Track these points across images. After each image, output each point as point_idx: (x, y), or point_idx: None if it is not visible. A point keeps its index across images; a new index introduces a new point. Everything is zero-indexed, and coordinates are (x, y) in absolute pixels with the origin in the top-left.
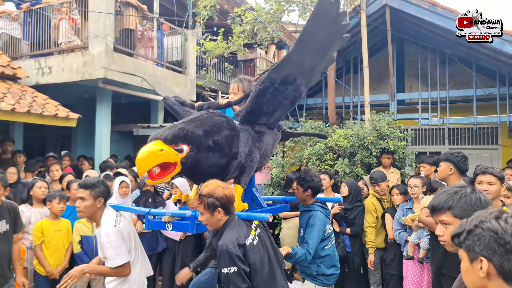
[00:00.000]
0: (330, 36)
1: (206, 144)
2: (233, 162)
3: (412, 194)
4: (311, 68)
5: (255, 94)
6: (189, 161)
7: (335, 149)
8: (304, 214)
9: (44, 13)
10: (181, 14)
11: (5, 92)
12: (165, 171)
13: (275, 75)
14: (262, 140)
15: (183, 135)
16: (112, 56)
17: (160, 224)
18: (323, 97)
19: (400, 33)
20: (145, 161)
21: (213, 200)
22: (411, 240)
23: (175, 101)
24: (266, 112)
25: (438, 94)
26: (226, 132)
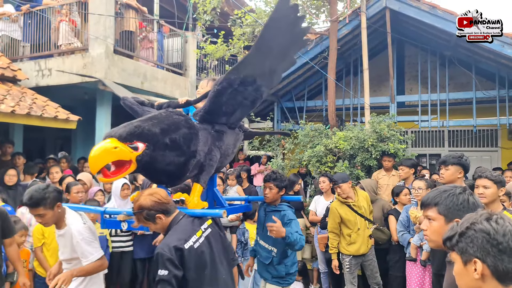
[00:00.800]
0: (289, 39)
1: (163, 142)
2: (191, 160)
3: (416, 196)
4: (271, 70)
5: (213, 94)
6: (144, 159)
7: (335, 151)
8: (274, 214)
9: (44, 15)
10: (181, 16)
11: (5, 94)
12: (120, 169)
13: (234, 76)
14: (223, 139)
15: (138, 132)
16: (112, 58)
17: (116, 223)
18: (323, 99)
19: (400, 36)
20: (98, 159)
21: (147, 211)
22: (413, 242)
23: (134, 101)
24: (226, 112)
25: (438, 96)
26: (184, 131)
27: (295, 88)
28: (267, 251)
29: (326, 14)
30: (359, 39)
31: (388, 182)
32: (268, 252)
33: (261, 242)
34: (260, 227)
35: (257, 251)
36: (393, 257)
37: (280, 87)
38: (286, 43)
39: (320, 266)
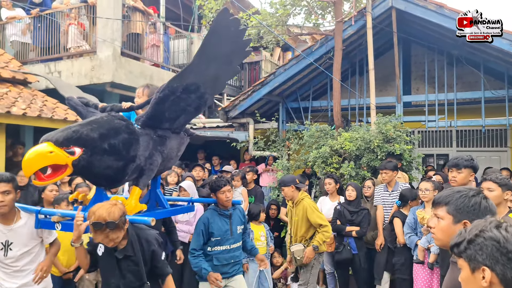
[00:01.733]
0: (231, 50)
1: (101, 147)
2: (130, 165)
3: (424, 197)
4: (215, 78)
5: (155, 101)
6: (81, 163)
7: (341, 152)
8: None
9: (54, 19)
10: (187, 18)
11: (16, 96)
12: (56, 173)
13: (176, 83)
14: (165, 144)
15: (75, 138)
16: (119, 61)
17: (50, 223)
18: (329, 99)
19: (406, 35)
20: (32, 162)
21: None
22: (421, 244)
23: (78, 102)
24: (169, 118)
25: (446, 96)
26: (124, 136)
27: (300, 89)
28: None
29: (332, 15)
30: (365, 39)
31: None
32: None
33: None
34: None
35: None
36: (399, 259)
37: (285, 88)
38: (229, 53)
39: (326, 267)
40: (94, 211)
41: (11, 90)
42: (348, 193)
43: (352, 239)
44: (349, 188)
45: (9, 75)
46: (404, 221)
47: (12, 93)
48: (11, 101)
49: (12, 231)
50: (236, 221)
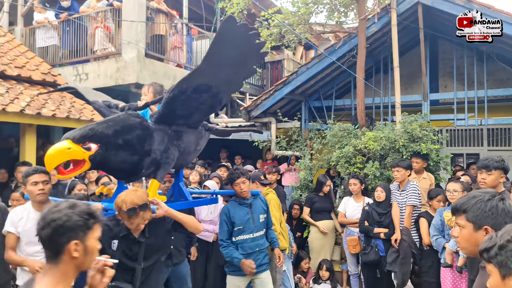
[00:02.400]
0: (244, 53)
1: (115, 142)
2: (146, 158)
3: (452, 199)
4: (228, 79)
5: (165, 100)
6: (97, 158)
7: (365, 152)
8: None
9: (81, 23)
10: (210, 18)
11: (46, 98)
12: (75, 167)
13: (185, 85)
14: (182, 138)
15: (91, 135)
16: (143, 62)
17: None
18: (352, 98)
19: (433, 31)
20: (53, 158)
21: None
22: (449, 247)
23: (102, 104)
24: (181, 115)
25: (476, 93)
26: (138, 132)
27: (323, 87)
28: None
29: (355, 12)
30: (389, 36)
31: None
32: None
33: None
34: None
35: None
36: (426, 262)
37: (307, 87)
38: (242, 57)
39: (350, 268)
40: (123, 199)
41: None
42: (377, 194)
43: (380, 241)
44: (378, 188)
45: (40, 78)
46: (430, 221)
47: (43, 95)
48: (42, 103)
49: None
50: (258, 210)
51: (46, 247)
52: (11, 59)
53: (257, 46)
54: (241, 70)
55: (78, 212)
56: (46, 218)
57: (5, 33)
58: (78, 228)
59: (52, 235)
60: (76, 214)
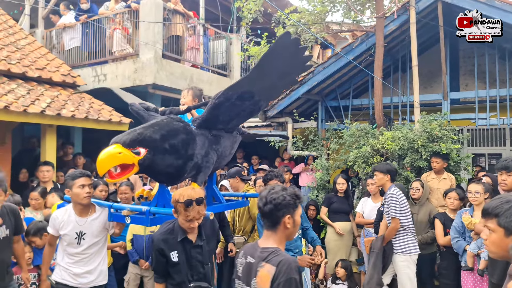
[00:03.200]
0: (290, 66)
1: (162, 147)
2: (189, 163)
3: (473, 201)
4: (270, 88)
5: (211, 106)
6: (146, 162)
7: (383, 152)
8: None
9: (100, 25)
10: (226, 19)
11: (66, 99)
12: (124, 171)
13: (231, 92)
14: (220, 142)
15: (140, 139)
16: (160, 63)
17: (120, 217)
18: (370, 97)
19: (453, 29)
20: (105, 162)
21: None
22: (470, 250)
23: (140, 107)
24: (223, 121)
25: (498, 92)
26: (182, 136)
27: (340, 87)
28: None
29: (371, 10)
30: (408, 34)
31: (438, 185)
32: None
33: None
34: None
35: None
36: (442, 263)
37: (324, 86)
38: (288, 68)
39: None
40: (181, 193)
41: (61, 93)
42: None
43: None
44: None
45: (60, 79)
46: (444, 222)
47: (62, 96)
48: (61, 104)
49: (87, 223)
50: None
51: (267, 219)
52: (32, 61)
53: (304, 59)
54: (284, 79)
55: (289, 193)
56: (268, 197)
57: (26, 36)
58: (290, 206)
59: (272, 210)
60: (288, 195)
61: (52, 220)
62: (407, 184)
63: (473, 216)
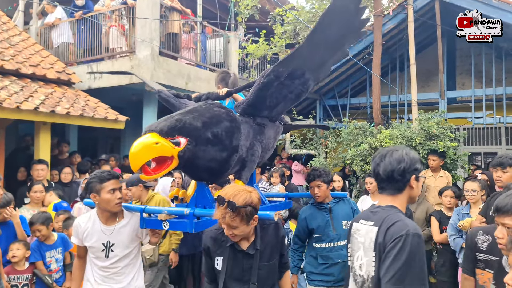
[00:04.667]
0: (345, 30)
1: (204, 136)
2: (233, 156)
3: (470, 198)
4: (321, 63)
5: (259, 86)
6: (186, 155)
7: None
8: (338, 206)
9: (96, 21)
10: (224, 17)
11: (60, 97)
12: (161, 166)
13: (282, 68)
14: (264, 133)
15: (180, 126)
16: (157, 60)
17: (156, 222)
18: (368, 96)
19: (451, 28)
20: (139, 155)
21: (252, 209)
22: None
23: (169, 94)
24: (269, 106)
25: (494, 91)
26: (226, 124)
27: (338, 85)
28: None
29: (370, 9)
30: (406, 33)
31: (434, 183)
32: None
33: (338, 243)
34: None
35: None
36: (439, 261)
37: (322, 85)
38: (342, 35)
39: None
40: (225, 188)
41: (56, 91)
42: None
43: None
44: None
45: (54, 76)
46: (440, 220)
47: (57, 93)
48: (56, 101)
49: (115, 232)
50: (341, 215)
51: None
52: (26, 58)
53: (360, 23)
54: (335, 52)
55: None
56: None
57: (20, 32)
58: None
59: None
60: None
61: (75, 228)
62: None
63: (470, 212)
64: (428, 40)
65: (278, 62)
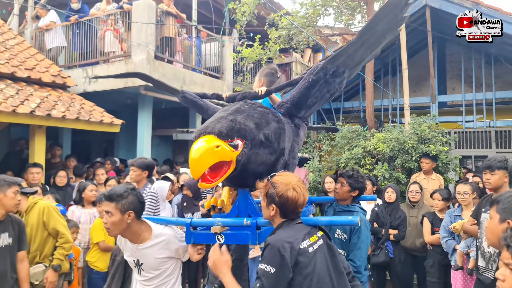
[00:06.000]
0: (389, 26)
1: (258, 138)
2: (280, 159)
3: (463, 201)
4: (360, 61)
5: (307, 85)
6: (243, 159)
7: (374, 153)
8: (343, 215)
9: (91, 25)
10: (219, 21)
11: (56, 100)
12: (218, 172)
13: (330, 65)
14: (299, 134)
15: (237, 128)
16: (153, 64)
17: (207, 236)
18: (361, 100)
19: (441, 33)
20: (202, 161)
21: (273, 193)
22: (460, 249)
23: (194, 94)
24: (309, 105)
25: (484, 95)
26: (274, 125)
27: None
28: None
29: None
30: (398, 38)
31: (427, 186)
32: None
33: None
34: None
35: None
36: (428, 261)
37: None
38: (384, 31)
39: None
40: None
41: (51, 94)
42: (387, 195)
43: (389, 242)
44: (389, 190)
45: (50, 80)
46: (432, 221)
47: (52, 97)
48: (52, 105)
49: (138, 251)
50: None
51: None
52: (21, 61)
53: (402, 19)
54: (374, 49)
55: None
56: None
57: (15, 36)
58: None
59: None
60: None
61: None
62: (399, 185)
63: (462, 215)
64: (419, 46)
65: (327, 59)
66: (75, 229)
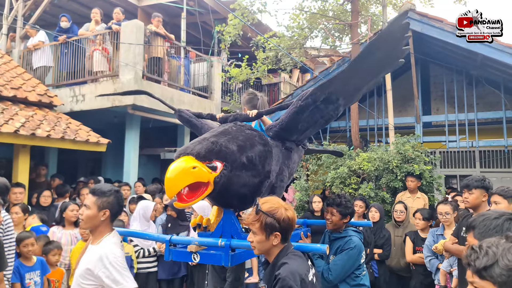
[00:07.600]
0: (387, 58)
1: (240, 161)
2: (265, 182)
3: (445, 221)
4: (356, 89)
5: (295, 110)
6: (222, 181)
7: (359, 172)
8: (337, 242)
9: (80, 45)
10: (207, 42)
11: (41, 119)
12: (195, 192)
13: (320, 92)
14: (291, 157)
15: (217, 150)
16: (141, 84)
17: (184, 254)
18: (347, 120)
19: (424, 56)
20: (176, 181)
21: (273, 221)
22: (443, 268)
23: (190, 113)
24: (300, 129)
25: (466, 116)
26: (259, 148)
27: None
28: None
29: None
30: None
31: (412, 204)
32: None
33: None
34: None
35: None
36: (412, 281)
37: None
38: (382, 63)
39: None
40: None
41: (36, 113)
42: (371, 214)
43: (374, 262)
44: (372, 209)
45: (36, 99)
46: (413, 240)
47: (38, 116)
48: (37, 124)
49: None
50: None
51: None
52: (7, 80)
53: (401, 52)
54: (372, 79)
55: None
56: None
57: (3, 55)
58: None
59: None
60: None
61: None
62: (384, 204)
63: (444, 234)
64: (403, 67)
65: (317, 86)
66: (58, 251)
